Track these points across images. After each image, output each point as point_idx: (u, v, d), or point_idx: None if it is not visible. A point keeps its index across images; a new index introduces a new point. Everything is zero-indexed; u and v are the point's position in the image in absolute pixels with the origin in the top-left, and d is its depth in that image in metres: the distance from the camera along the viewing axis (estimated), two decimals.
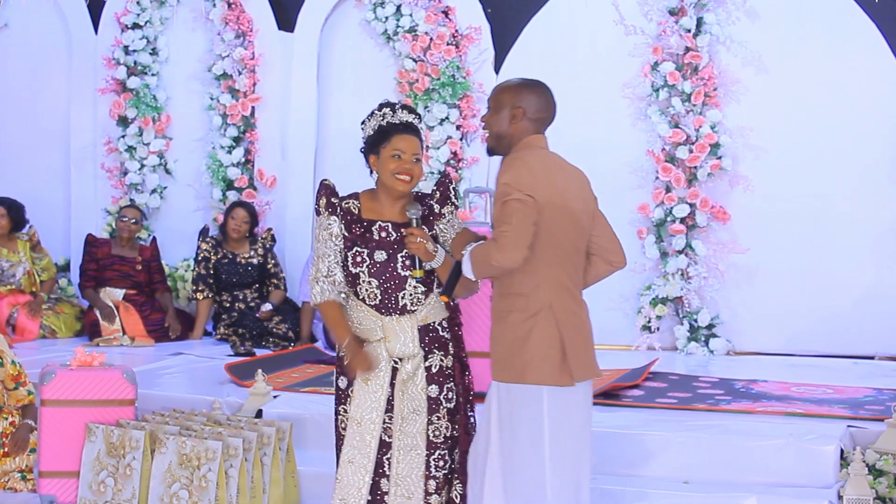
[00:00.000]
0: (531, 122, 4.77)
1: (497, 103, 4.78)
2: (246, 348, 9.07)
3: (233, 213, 9.80)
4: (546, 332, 4.60)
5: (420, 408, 5.01)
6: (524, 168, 4.60)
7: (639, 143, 9.52)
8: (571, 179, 4.77)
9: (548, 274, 4.62)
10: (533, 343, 4.60)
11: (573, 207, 4.68)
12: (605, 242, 4.88)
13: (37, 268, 10.01)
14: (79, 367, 6.64)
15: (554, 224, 4.60)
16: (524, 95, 4.76)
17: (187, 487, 6.07)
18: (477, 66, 9.91)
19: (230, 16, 10.30)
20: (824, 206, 9.16)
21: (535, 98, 4.78)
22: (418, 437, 5.00)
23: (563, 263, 4.66)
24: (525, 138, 4.76)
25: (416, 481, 5.00)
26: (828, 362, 8.82)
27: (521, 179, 4.55)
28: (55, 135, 10.83)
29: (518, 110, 4.74)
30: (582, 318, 4.76)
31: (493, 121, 4.78)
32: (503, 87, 4.82)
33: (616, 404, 7.12)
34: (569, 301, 4.69)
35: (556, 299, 4.63)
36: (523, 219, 4.51)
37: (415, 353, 5.00)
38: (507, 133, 4.76)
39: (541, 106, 4.79)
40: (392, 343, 5.00)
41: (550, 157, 4.78)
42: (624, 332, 9.52)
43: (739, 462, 6.17)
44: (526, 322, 4.61)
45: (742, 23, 9.36)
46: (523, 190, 4.53)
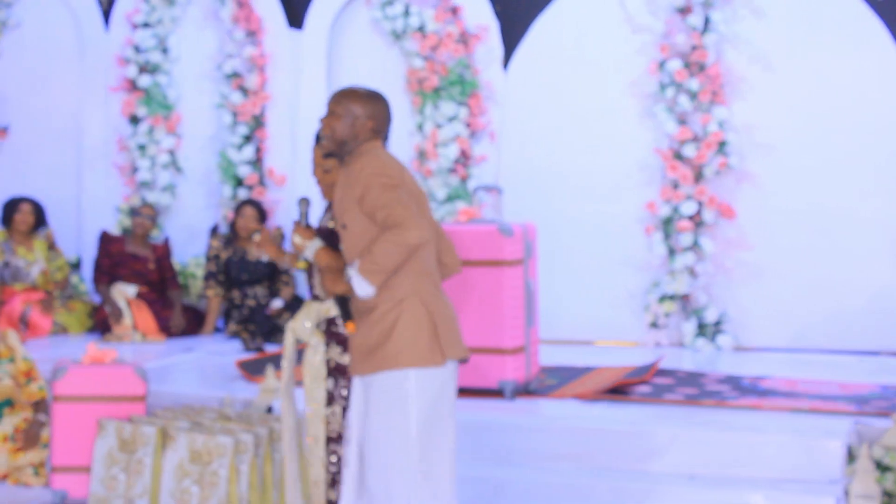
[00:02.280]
0: (374, 133, 4.80)
1: (344, 110, 4.77)
2: (256, 344, 9.09)
3: (242, 211, 9.82)
4: (414, 315, 4.61)
5: (320, 397, 5.07)
6: (384, 160, 4.66)
7: (646, 141, 9.52)
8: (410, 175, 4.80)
9: (408, 263, 4.62)
10: (401, 328, 4.60)
11: (422, 200, 4.74)
12: (441, 245, 4.92)
13: (52, 267, 10.05)
14: (91, 364, 6.68)
15: None
16: (375, 107, 4.80)
17: (198, 483, 6.09)
18: (485, 65, 9.91)
19: (240, 14, 10.31)
20: (831, 204, 9.15)
21: (382, 111, 4.82)
22: (320, 426, 5.06)
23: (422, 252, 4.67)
24: (366, 144, 4.78)
25: (320, 470, 5.07)
26: (834, 358, 8.82)
27: (386, 169, 4.60)
28: (67, 133, 10.85)
29: (369, 122, 4.77)
30: (446, 302, 4.75)
31: (338, 126, 4.77)
32: (350, 95, 4.81)
33: (623, 400, 7.14)
34: (431, 286, 4.70)
35: (419, 285, 4.64)
36: (406, 198, 4.55)
37: (305, 338, 5.05)
38: (351, 140, 4.77)
39: (386, 118, 4.84)
40: (296, 322, 5.10)
41: (391, 156, 4.80)
42: (631, 329, 9.53)
43: (746, 458, 6.19)
44: (392, 311, 4.61)
45: (749, 21, 9.35)
46: (390, 175, 4.59)
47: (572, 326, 9.50)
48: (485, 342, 7.08)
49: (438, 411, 4.66)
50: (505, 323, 7.07)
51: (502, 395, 7.13)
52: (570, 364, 8.32)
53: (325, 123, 4.84)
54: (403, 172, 4.70)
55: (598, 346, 9.46)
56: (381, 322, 4.62)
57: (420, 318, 4.62)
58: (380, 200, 4.54)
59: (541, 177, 9.71)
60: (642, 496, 6.06)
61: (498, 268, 7.06)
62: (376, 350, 4.62)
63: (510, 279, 7.08)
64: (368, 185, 4.57)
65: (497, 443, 6.55)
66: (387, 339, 4.60)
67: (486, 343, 7.08)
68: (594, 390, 7.31)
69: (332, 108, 4.82)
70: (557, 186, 9.69)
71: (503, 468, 6.40)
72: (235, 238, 9.83)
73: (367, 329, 4.66)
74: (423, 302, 4.63)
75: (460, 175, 9.82)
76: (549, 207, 9.50)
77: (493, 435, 6.57)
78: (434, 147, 9.86)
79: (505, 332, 7.07)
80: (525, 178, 9.67)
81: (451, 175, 9.83)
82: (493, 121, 9.91)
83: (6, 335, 7.39)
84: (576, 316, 9.54)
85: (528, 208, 8.94)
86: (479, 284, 7.05)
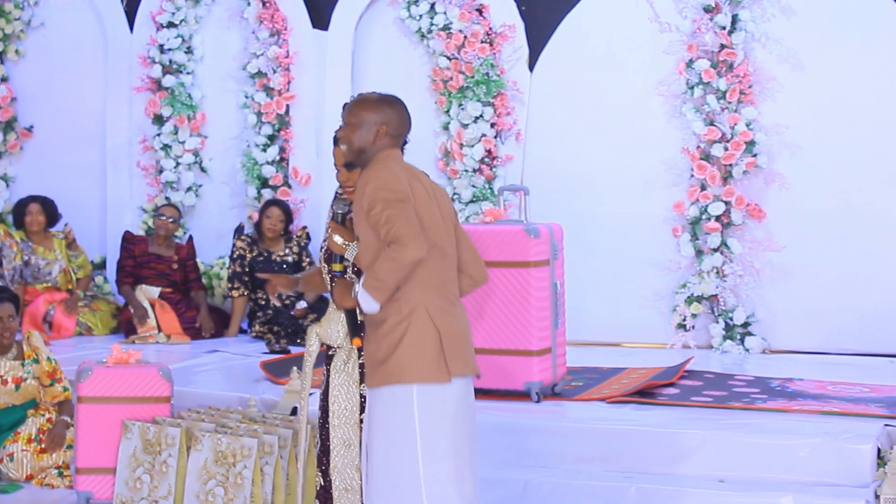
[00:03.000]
0: (391, 138, 4.79)
1: (359, 119, 4.79)
2: (281, 346, 9.09)
3: (267, 211, 9.83)
4: (420, 330, 4.58)
5: (353, 402, 5.02)
6: (389, 172, 4.63)
7: (674, 141, 9.49)
8: (429, 187, 4.79)
9: (418, 275, 4.59)
10: (407, 342, 4.57)
11: (434, 211, 4.71)
12: (466, 257, 4.89)
13: (73, 265, 10.07)
14: (115, 365, 6.67)
15: (421, 225, 4.59)
16: (386, 112, 4.79)
17: (223, 484, 6.09)
18: (511, 64, 9.90)
19: (265, 14, 10.32)
20: (861, 204, 9.11)
21: (396, 114, 4.81)
22: (352, 431, 5.01)
23: (431, 264, 4.63)
24: (382, 152, 4.77)
25: (353, 474, 5.03)
26: (864, 361, 8.79)
27: (391, 183, 4.58)
28: (91, 133, 10.88)
29: (382, 127, 4.76)
30: (456, 316, 4.71)
31: (354, 136, 4.79)
32: (363, 103, 4.83)
33: (651, 403, 7.13)
34: (440, 300, 4.65)
35: (427, 298, 4.61)
36: (409, 213, 4.53)
37: (339, 344, 5.01)
38: (368, 148, 4.78)
39: (401, 122, 4.82)
40: (323, 328, 5.06)
41: (407, 166, 4.80)
42: (659, 331, 9.50)
43: (775, 461, 6.16)
44: (400, 325, 4.58)
45: (777, 20, 9.32)
46: (395, 190, 4.56)
47: (599, 328, 9.47)
48: (511, 344, 7.07)
49: (445, 428, 4.61)
50: (531, 324, 7.06)
51: (528, 396, 7.11)
52: (597, 366, 8.31)
53: (342, 136, 4.87)
54: (415, 184, 4.67)
55: (625, 348, 9.44)
56: (390, 336, 4.60)
57: (426, 334, 4.59)
58: (382, 216, 4.53)
59: (567, 177, 9.70)
60: (671, 499, 6.05)
61: (524, 269, 7.05)
62: (383, 364, 4.61)
63: (536, 280, 7.06)
64: (374, 200, 4.56)
65: (523, 445, 6.53)
66: (392, 353, 4.58)
67: (513, 345, 7.07)
68: (621, 392, 7.30)
69: (346, 119, 4.85)
70: (584, 187, 9.67)
71: (530, 470, 6.38)
72: (260, 238, 9.83)
73: (377, 342, 4.65)
74: (430, 316, 4.60)
75: (486, 175, 9.81)
76: (576, 208, 9.48)
77: (519, 437, 6.56)
78: (459, 147, 9.86)
79: (531, 333, 7.06)
80: (551, 179, 9.65)
81: (476, 175, 9.82)
82: (519, 121, 9.90)
83: (30, 336, 7.40)
84: (602, 317, 9.52)
85: (554, 209, 8.91)
86: (505, 286, 7.05)
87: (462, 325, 4.73)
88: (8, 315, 7.21)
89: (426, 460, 4.56)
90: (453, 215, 4.87)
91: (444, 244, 4.73)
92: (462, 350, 4.67)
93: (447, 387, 4.60)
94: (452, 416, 4.63)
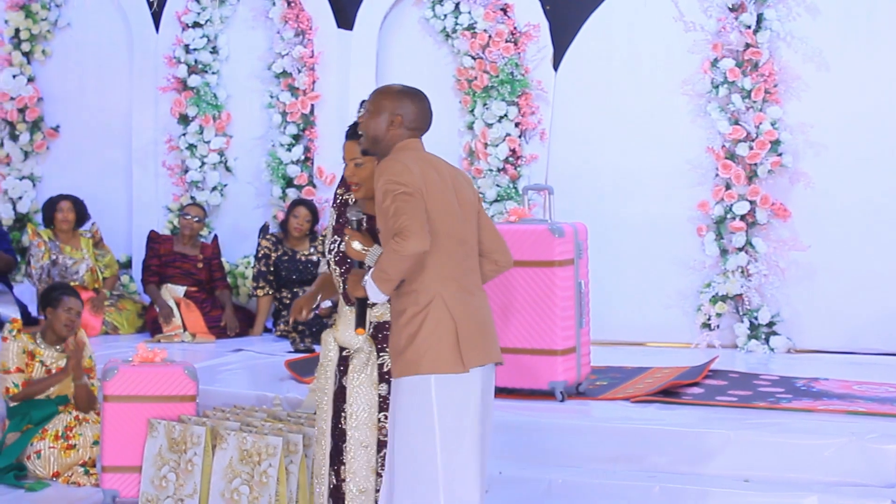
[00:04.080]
0: (407, 130, 4.81)
1: (376, 107, 4.82)
2: (305, 345, 9.11)
3: (295, 211, 9.85)
4: (438, 320, 4.60)
5: (372, 404, 5.01)
6: (401, 166, 4.64)
7: (698, 140, 9.48)
8: (448, 175, 4.79)
9: (434, 266, 4.62)
10: (424, 333, 4.59)
11: (451, 199, 4.72)
12: (489, 243, 4.90)
13: (99, 265, 10.11)
14: (141, 364, 6.70)
15: (434, 217, 4.62)
16: (404, 103, 4.81)
17: (248, 483, 6.11)
18: (535, 64, 9.90)
19: (289, 14, 10.34)
20: (886, 203, 9.09)
21: (413, 107, 4.82)
22: (368, 432, 5.01)
23: (447, 254, 4.66)
24: (401, 142, 4.79)
25: (368, 476, 5.02)
26: (890, 360, 8.76)
27: (401, 176, 4.59)
28: (117, 133, 10.92)
29: (397, 118, 4.78)
30: (475, 305, 4.72)
31: (370, 124, 4.82)
32: (384, 92, 4.87)
33: (676, 402, 7.12)
34: (458, 290, 4.67)
35: (444, 289, 4.62)
36: (416, 207, 4.55)
37: (357, 346, 5.02)
38: (383, 137, 4.80)
39: (418, 115, 4.83)
40: (340, 332, 5.08)
41: (426, 156, 4.81)
42: (683, 330, 9.49)
43: (800, 461, 6.15)
44: (418, 315, 4.61)
45: (803, 18, 9.30)
46: (405, 183, 4.57)
47: (623, 327, 9.47)
48: (535, 343, 7.08)
49: (465, 418, 4.63)
50: (555, 324, 7.07)
51: (553, 396, 7.11)
52: (622, 365, 8.31)
53: (360, 120, 4.92)
54: (430, 175, 4.68)
55: (650, 348, 9.44)
56: (408, 326, 4.62)
57: (443, 324, 4.60)
58: (390, 208, 4.57)
59: (591, 176, 9.70)
60: (696, 499, 6.04)
61: (548, 268, 7.05)
62: (402, 354, 4.63)
63: (561, 280, 7.07)
64: (385, 192, 4.60)
65: (547, 444, 6.54)
66: (411, 344, 4.60)
67: (537, 344, 7.08)
68: (645, 392, 7.30)
69: (367, 106, 4.88)
70: (608, 186, 9.67)
71: (554, 469, 6.38)
72: (285, 238, 9.86)
73: (398, 332, 4.68)
74: (448, 307, 4.62)
75: (510, 175, 9.81)
76: (600, 207, 9.47)
77: (543, 436, 6.56)
78: (484, 146, 9.86)
79: (556, 332, 7.06)
80: (575, 178, 9.65)
81: (500, 175, 9.82)
82: (544, 120, 9.90)
83: (79, 332, 7.51)
84: (627, 317, 9.52)
85: (579, 208, 8.91)
86: (530, 285, 7.05)
87: (481, 314, 4.74)
88: (77, 310, 7.47)
89: (444, 449, 4.58)
90: (476, 202, 4.88)
91: (463, 233, 4.75)
92: (479, 340, 4.68)
93: (465, 377, 4.62)
94: (471, 406, 4.64)
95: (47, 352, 7.42)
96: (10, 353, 7.34)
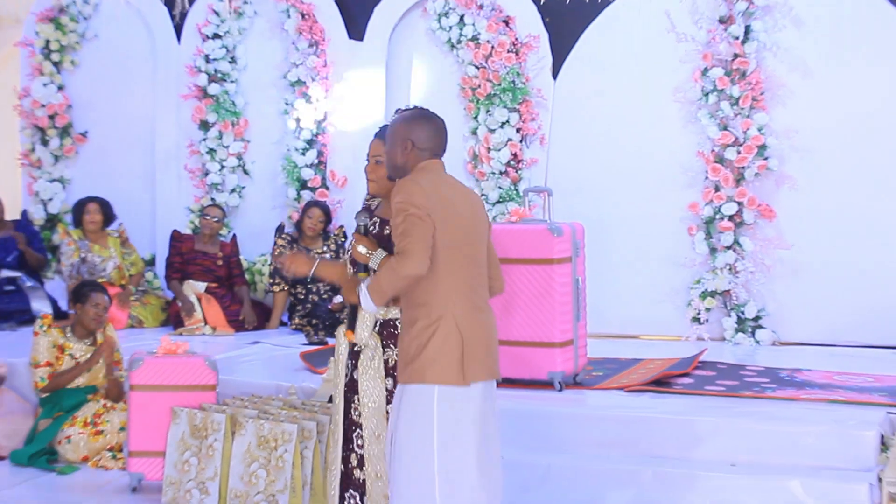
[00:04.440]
0: (423, 152, 4.81)
1: (392, 136, 4.85)
2: (319, 338, 9.13)
3: (309, 212, 9.87)
4: (446, 334, 4.61)
5: (380, 396, 5.02)
6: (415, 187, 4.65)
7: (689, 145, 9.49)
8: (461, 196, 4.80)
9: (446, 282, 4.63)
10: (432, 345, 4.60)
11: (464, 221, 4.73)
12: (490, 270, 4.92)
13: (126, 262, 10.14)
14: (164, 355, 6.73)
15: (447, 236, 4.63)
16: (414, 128, 4.81)
17: (265, 467, 6.13)
18: (536, 73, 9.91)
19: (304, 26, 10.37)
20: (865, 204, 9.09)
21: (424, 130, 4.83)
22: (379, 423, 5.02)
23: (459, 272, 4.68)
24: (419, 164, 4.80)
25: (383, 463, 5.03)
26: (868, 352, 8.76)
27: (413, 197, 4.60)
28: (142, 138, 10.94)
29: (408, 143, 4.79)
30: (482, 321, 4.73)
31: (389, 153, 4.86)
32: (397, 120, 4.88)
33: (667, 391, 7.13)
34: (468, 306, 4.68)
35: (454, 305, 4.64)
36: (422, 230, 4.56)
37: (366, 343, 5.02)
38: (401, 163, 4.82)
39: (430, 137, 4.83)
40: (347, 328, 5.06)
41: (443, 177, 4.82)
42: (675, 324, 9.51)
43: (784, 446, 6.16)
44: (428, 328, 4.62)
45: (788, 30, 9.30)
46: (417, 205, 4.58)
47: (618, 321, 9.48)
48: (535, 336, 7.09)
49: (463, 428, 4.63)
50: (554, 318, 7.08)
51: (552, 385, 7.13)
52: (616, 357, 8.32)
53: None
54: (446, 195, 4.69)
55: (643, 340, 9.45)
56: (419, 338, 4.64)
57: (450, 339, 4.61)
58: (399, 228, 4.60)
59: (588, 179, 9.71)
60: (685, 482, 6.05)
61: (548, 266, 7.06)
62: (411, 362, 4.65)
63: (559, 276, 7.08)
64: (397, 210, 4.62)
65: (546, 431, 6.55)
66: (420, 355, 4.62)
67: (537, 337, 7.09)
68: (639, 382, 7.31)
69: (387, 137, 4.90)
70: (604, 188, 9.68)
71: (552, 454, 6.40)
72: (300, 237, 9.88)
73: (409, 341, 4.69)
74: (456, 323, 4.63)
75: (512, 178, 9.83)
76: (597, 208, 9.48)
77: (542, 423, 6.58)
78: (487, 151, 9.88)
79: (554, 326, 7.07)
80: (573, 180, 9.66)
81: (502, 177, 9.84)
82: (543, 126, 9.92)
83: (107, 326, 7.56)
84: (622, 311, 9.53)
85: (576, 209, 8.92)
86: (530, 281, 7.06)
87: (487, 332, 4.75)
88: (104, 305, 7.54)
89: (441, 456, 4.59)
90: (487, 227, 4.90)
91: (476, 251, 4.77)
92: (483, 356, 4.70)
93: (467, 390, 4.64)
94: (471, 418, 4.65)
95: (76, 345, 7.47)
96: (40, 348, 7.39)
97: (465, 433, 4.64)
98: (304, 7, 10.39)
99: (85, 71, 11.08)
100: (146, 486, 6.63)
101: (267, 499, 6.10)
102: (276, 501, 6.07)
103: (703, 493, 6.01)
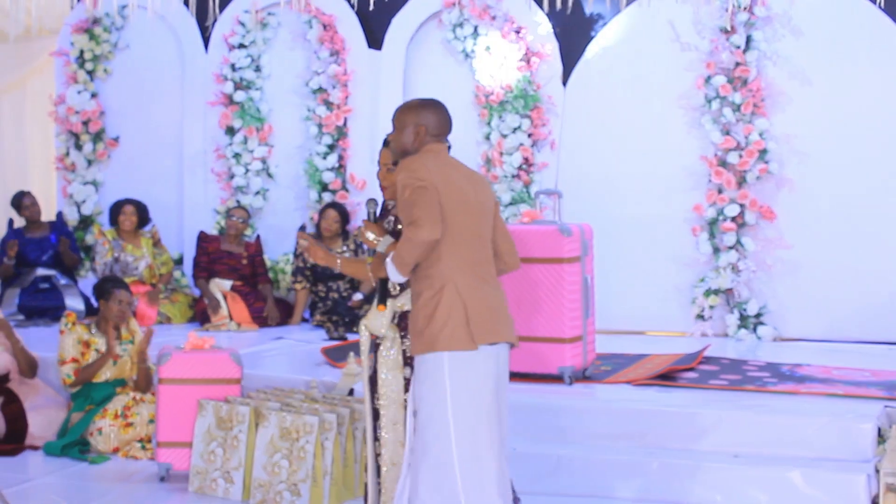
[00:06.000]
0: (431, 137, 4.81)
1: (401, 123, 4.83)
2: (339, 333, 9.11)
3: (325, 213, 9.86)
4: (449, 302, 4.60)
5: (398, 385, 5.01)
6: (419, 163, 4.66)
7: (693, 149, 9.45)
8: (465, 175, 4.79)
9: (449, 255, 4.63)
10: (439, 314, 4.60)
11: (467, 197, 4.71)
12: (501, 245, 4.91)
13: (157, 262, 10.14)
14: (191, 350, 6.72)
15: (450, 210, 4.62)
16: (424, 114, 4.81)
17: (287, 457, 6.12)
18: (546, 81, 9.88)
19: (325, 36, 10.35)
20: (862, 205, 9.06)
21: (434, 116, 4.82)
22: (397, 411, 5.01)
23: (463, 245, 4.67)
24: (425, 146, 4.80)
25: (398, 450, 5.02)
26: (866, 348, 8.73)
27: (418, 171, 4.61)
28: (170, 143, 10.93)
29: (421, 128, 4.79)
30: (486, 291, 4.71)
31: (398, 138, 4.84)
32: (405, 108, 4.87)
33: (673, 385, 7.11)
34: (471, 277, 4.67)
35: (457, 276, 4.63)
36: (430, 199, 4.57)
37: (384, 334, 5.01)
38: (411, 148, 4.81)
39: (439, 122, 4.83)
40: (370, 321, 5.06)
41: (446, 158, 4.82)
42: (679, 320, 9.47)
43: (785, 438, 6.14)
44: (433, 298, 4.62)
45: (787, 39, 9.27)
46: (421, 178, 4.59)
47: (625, 318, 9.45)
48: (546, 332, 7.07)
49: (476, 393, 4.62)
50: (564, 315, 7.06)
51: (562, 380, 7.11)
52: (624, 352, 8.29)
53: (390, 139, 4.95)
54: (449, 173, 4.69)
55: (649, 336, 9.41)
56: (426, 307, 4.64)
57: (454, 307, 4.61)
58: (407, 201, 4.59)
59: (597, 182, 9.68)
60: (690, 472, 6.03)
61: (558, 265, 7.04)
62: (421, 333, 4.65)
63: (569, 275, 7.06)
64: (403, 185, 4.62)
65: (556, 423, 6.53)
66: (428, 325, 4.62)
67: (547, 333, 7.07)
68: (645, 376, 7.29)
69: (393, 123, 4.89)
70: (612, 190, 9.65)
71: (562, 446, 6.39)
72: (320, 237, 9.86)
73: (416, 312, 4.70)
74: (458, 291, 4.62)
75: (523, 180, 9.80)
76: (605, 209, 9.45)
77: (552, 416, 6.56)
78: (500, 155, 9.85)
79: (564, 322, 7.05)
80: (582, 183, 9.63)
81: (514, 180, 9.82)
82: (554, 131, 9.88)
83: (129, 321, 7.54)
84: (629, 308, 9.49)
85: (585, 210, 8.88)
86: (541, 280, 7.05)
87: (491, 299, 4.73)
88: (127, 301, 7.54)
89: (456, 422, 4.58)
90: (492, 204, 4.87)
91: (478, 227, 4.76)
92: (488, 321, 4.67)
93: (476, 355, 4.62)
94: (482, 382, 4.64)
95: (101, 340, 7.44)
96: (66, 345, 7.36)
97: (478, 399, 4.62)
98: (325, 18, 10.37)
99: (117, 79, 11.07)
100: (174, 475, 6.61)
101: (289, 488, 6.08)
102: (298, 491, 6.05)
103: (707, 483, 6.00)
